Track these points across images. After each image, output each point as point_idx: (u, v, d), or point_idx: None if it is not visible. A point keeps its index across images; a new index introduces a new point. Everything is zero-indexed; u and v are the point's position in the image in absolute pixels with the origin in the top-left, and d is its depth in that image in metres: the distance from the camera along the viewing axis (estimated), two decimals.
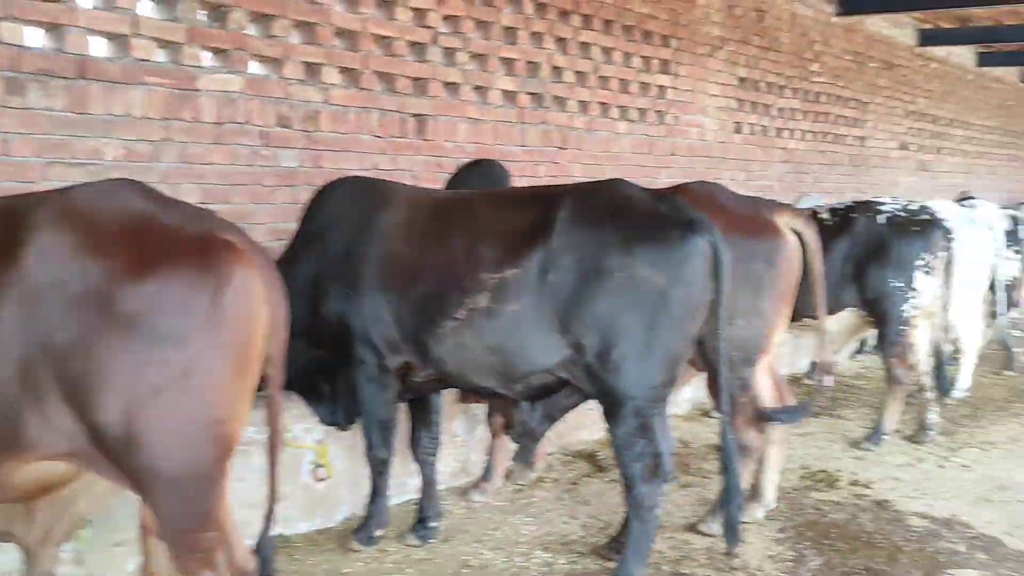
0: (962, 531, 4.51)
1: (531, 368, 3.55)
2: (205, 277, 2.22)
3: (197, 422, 2.25)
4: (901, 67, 11.21)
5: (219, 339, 2.23)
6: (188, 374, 2.20)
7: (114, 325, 2.14)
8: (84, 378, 2.15)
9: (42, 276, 2.14)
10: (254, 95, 4.58)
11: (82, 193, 2.31)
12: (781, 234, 4.09)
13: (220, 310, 2.23)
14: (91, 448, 2.22)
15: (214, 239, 2.30)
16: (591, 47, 6.59)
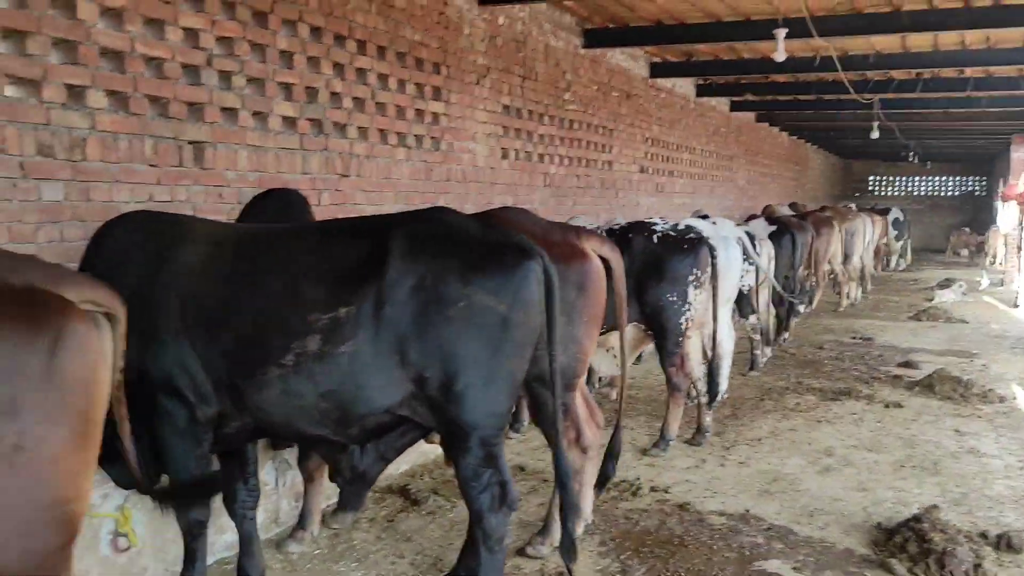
0: (757, 524, 4.87)
1: (370, 410, 3.38)
2: (35, 336, 1.88)
3: (35, 504, 1.89)
4: (638, 96, 12.07)
5: (58, 404, 1.89)
6: (21, 448, 1.84)
7: None
8: None
9: None
10: (9, 121, 4.01)
11: None
12: (590, 259, 4.21)
13: (57, 372, 1.89)
14: None
15: (42, 293, 1.95)
16: (367, 73, 6.47)
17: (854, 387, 8.38)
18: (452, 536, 4.67)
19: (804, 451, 6.29)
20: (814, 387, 8.45)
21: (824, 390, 8.28)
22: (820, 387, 8.43)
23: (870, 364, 9.72)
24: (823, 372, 9.26)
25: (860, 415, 7.35)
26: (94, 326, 2.00)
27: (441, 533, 4.72)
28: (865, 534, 4.72)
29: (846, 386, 8.43)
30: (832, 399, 7.93)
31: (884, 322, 13.26)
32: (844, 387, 8.37)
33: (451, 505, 5.12)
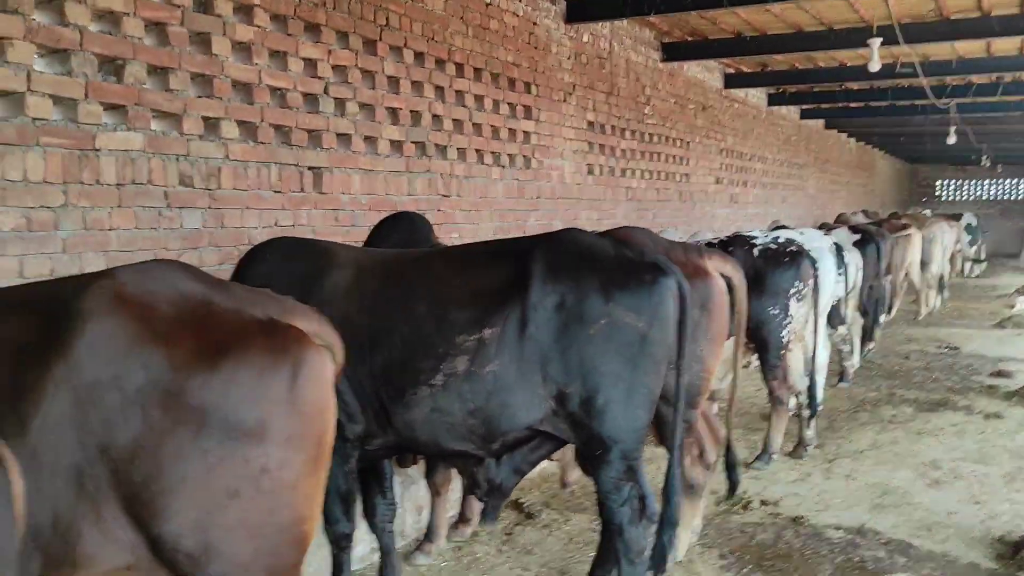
0: (875, 538, 4.86)
1: (514, 426, 3.48)
2: (279, 363, 2.01)
3: (277, 525, 2.02)
4: (713, 108, 12.09)
5: (298, 430, 2.03)
6: (267, 471, 1.98)
7: (182, 422, 1.89)
8: (148, 483, 1.88)
9: (96, 370, 1.86)
10: (155, 153, 4.23)
11: (127, 275, 2.03)
12: (713, 278, 4.26)
13: (298, 399, 2.03)
14: (152, 561, 1.94)
15: (278, 323, 2.10)
16: (465, 95, 6.63)
17: (949, 398, 8.26)
18: (572, 549, 4.75)
19: (910, 464, 6.23)
20: (908, 398, 8.35)
21: (919, 401, 8.18)
22: (914, 398, 8.33)
23: (961, 374, 9.56)
24: (914, 383, 9.14)
25: (961, 427, 7.24)
26: (326, 356, 2.13)
27: (560, 546, 4.80)
28: (988, 548, 4.68)
29: (941, 397, 8.31)
30: (929, 410, 7.83)
31: (968, 330, 13.00)
32: (939, 398, 8.26)
33: (564, 519, 5.20)
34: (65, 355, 1.83)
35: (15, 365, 1.83)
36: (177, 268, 2.13)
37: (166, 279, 2.05)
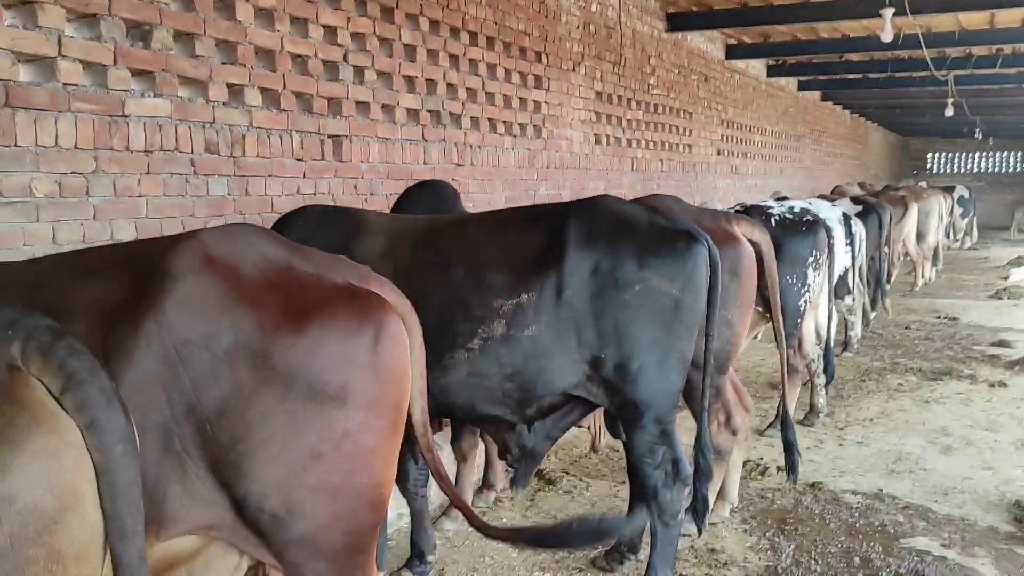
0: (893, 503, 4.93)
1: (549, 391, 3.52)
2: (362, 327, 2.03)
3: (356, 488, 2.04)
4: (715, 79, 12.07)
5: (379, 395, 2.04)
6: (349, 435, 2.00)
7: (270, 383, 1.90)
8: (235, 444, 1.89)
9: (186, 329, 1.86)
10: (182, 120, 4.21)
11: (212, 237, 2.03)
12: (742, 244, 4.29)
13: (379, 364, 2.04)
14: (235, 521, 1.96)
15: (359, 288, 2.11)
16: (478, 64, 6.60)
17: (953, 367, 8.35)
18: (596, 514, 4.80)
19: (920, 431, 6.31)
20: (912, 367, 8.44)
21: (923, 370, 8.27)
22: (918, 367, 8.42)
23: (962, 344, 9.65)
24: (917, 352, 9.23)
25: (967, 395, 7.34)
26: (403, 324, 2.14)
27: (584, 512, 4.85)
28: (1005, 512, 4.77)
29: (944, 366, 8.40)
30: (934, 379, 7.92)
31: (964, 301, 13.12)
32: (943, 367, 8.34)
33: (585, 485, 5.26)
34: (156, 313, 1.84)
35: (105, 324, 1.83)
36: (258, 232, 2.13)
37: (249, 242, 2.06)
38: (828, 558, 4.22)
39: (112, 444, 1.41)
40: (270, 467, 1.93)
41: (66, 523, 1.34)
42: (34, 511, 1.30)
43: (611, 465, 5.64)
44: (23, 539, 1.29)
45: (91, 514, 1.39)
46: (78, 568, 1.37)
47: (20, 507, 1.29)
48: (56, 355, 1.39)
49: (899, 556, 4.23)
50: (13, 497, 1.28)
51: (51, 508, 1.32)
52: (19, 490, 1.29)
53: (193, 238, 2.00)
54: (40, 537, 1.31)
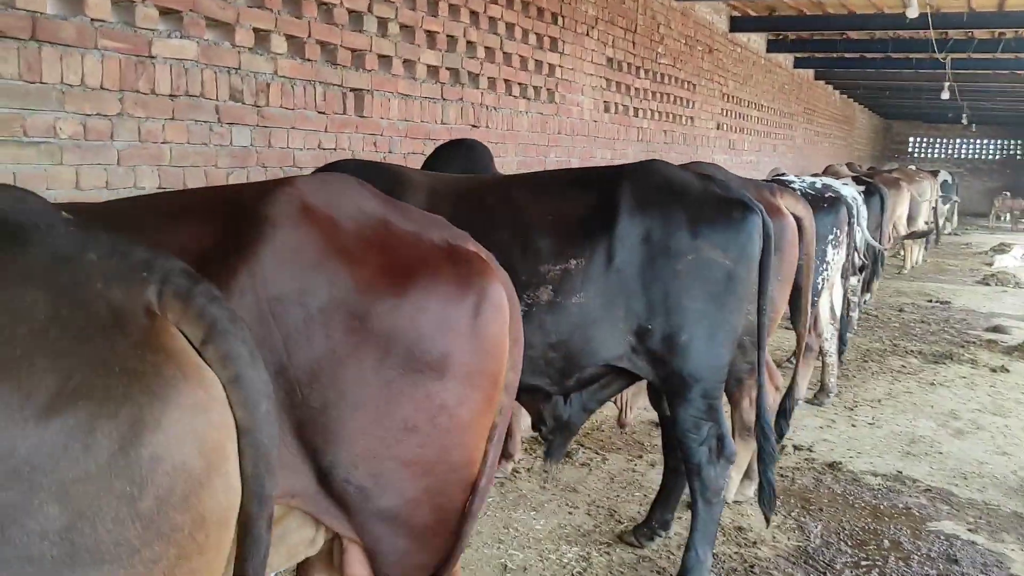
0: (913, 486, 4.89)
1: (593, 361, 3.39)
2: (466, 294, 1.87)
3: (449, 464, 1.89)
4: (718, 51, 11.91)
5: (477, 367, 1.89)
6: (445, 408, 1.85)
7: (366, 347, 1.74)
8: (326, 408, 1.74)
9: (280, 283, 1.69)
10: (208, 64, 4.00)
11: (310, 185, 1.85)
12: (786, 216, 4.18)
13: (480, 333, 1.88)
14: (318, 490, 1.80)
15: (461, 248, 1.95)
16: (497, 22, 6.40)
17: (952, 351, 8.36)
18: (616, 488, 4.72)
19: (928, 414, 6.29)
20: (912, 350, 8.44)
21: (924, 353, 8.27)
22: (918, 350, 8.42)
23: (957, 328, 9.68)
24: (914, 335, 9.24)
25: (970, 379, 7.34)
26: (503, 285, 1.99)
27: (603, 485, 4.77)
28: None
29: (944, 350, 8.41)
30: (935, 362, 7.92)
31: (953, 286, 13.19)
32: (942, 351, 8.35)
33: (601, 458, 5.17)
34: (250, 263, 1.66)
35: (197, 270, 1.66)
36: (352, 182, 1.96)
37: (345, 193, 1.89)
38: (856, 539, 4.17)
39: (257, 401, 1.26)
40: (361, 436, 1.77)
41: (212, 486, 1.20)
42: (182, 472, 1.16)
43: (626, 439, 5.55)
44: (170, 503, 1.14)
45: (234, 476, 1.25)
46: (219, 535, 1.23)
47: (168, 467, 1.14)
48: (196, 301, 1.23)
49: (928, 540, 4.18)
50: (161, 456, 1.13)
51: (199, 469, 1.17)
52: (168, 449, 1.14)
53: (290, 185, 1.82)
54: (187, 501, 1.16)
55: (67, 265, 1.21)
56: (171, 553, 1.16)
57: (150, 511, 1.13)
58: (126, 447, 1.12)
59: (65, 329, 1.15)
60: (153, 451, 1.13)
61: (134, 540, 1.12)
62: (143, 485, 1.13)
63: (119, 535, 1.11)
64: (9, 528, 1.05)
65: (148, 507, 1.13)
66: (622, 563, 3.89)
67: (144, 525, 1.13)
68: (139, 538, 1.13)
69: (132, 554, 1.12)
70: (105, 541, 1.09)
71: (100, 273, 1.22)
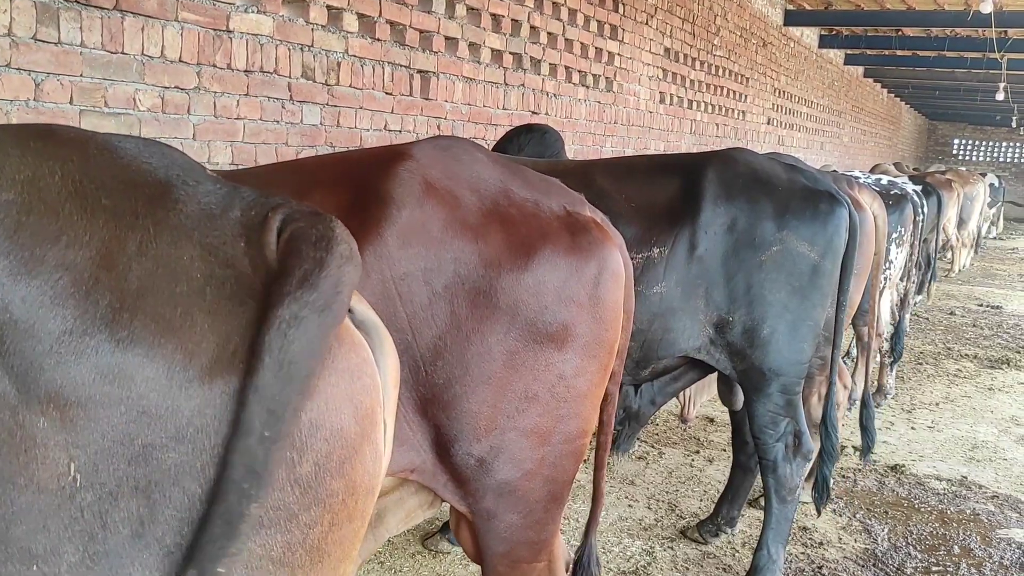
0: (980, 492, 4.77)
1: (671, 352, 3.31)
2: (587, 263, 1.83)
3: (565, 434, 1.86)
4: (772, 45, 11.73)
5: (595, 337, 1.85)
6: (563, 378, 1.81)
7: (491, 321, 1.71)
8: (451, 384, 1.71)
9: (406, 262, 1.66)
10: (282, 41, 3.96)
11: (429, 156, 1.81)
12: (865, 212, 4.08)
13: (599, 303, 1.85)
14: (436, 464, 1.78)
15: (579, 216, 1.90)
16: (561, 8, 6.32)
17: (1008, 356, 8.17)
18: (674, 482, 4.65)
19: (989, 419, 6.15)
20: (966, 353, 8.27)
21: (979, 357, 8.10)
22: (973, 354, 8.24)
23: (1012, 333, 9.47)
24: (967, 339, 9.05)
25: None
26: (621, 253, 1.94)
27: (661, 479, 4.70)
28: None
29: (999, 355, 8.23)
30: (991, 367, 7.75)
31: (1003, 290, 12.94)
32: (998, 356, 8.17)
33: (658, 452, 5.10)
34: (375, 244, 1.64)
35: None
36: (470, 149, 1.91)
37: (463, 162, 1.84)
38: (926, 544, 4.07)
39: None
40: (484, 409, 1.75)
41: (363, 452, 1.15)
42: (339, 438, 1.11)
43: (682, 434, 5.48)
44: (327, 470, 1.10)
45: (381, 443, 1.20)
46: (367, 502, 1.19)
47: (327, 433, 1.10)
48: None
49: (999, 547, 4.07)
50: (320, 423, 1.09)
51: (354, 435, 1.13)
52: (327, 414, 1.10)
53: (410, 159, 1.78)
54: (342, 467, 1.12)
55: (216, 222, 1.17)
56: (326, 519, 1.12)
57: (308, 477, 1.09)
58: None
59: (221, 289, 1.10)
60: (312, 417, 1.09)
61: (293, 505, 1.08)
62: (303, 451, 1.09)
63: (279, 500, 1.07)
64: (171, 489, 1.01)
65: (307, 473, 1.09)
66: (687, 559, 3.82)
67: (302, 491, 1.09)
68: (297, 503, 1.09)
69: (290, 519, 1.09)
70: (265, 506, 1.05)
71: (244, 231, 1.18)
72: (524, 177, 1.91)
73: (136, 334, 1.00)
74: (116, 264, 1.04)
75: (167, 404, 1.01)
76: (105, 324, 0.99)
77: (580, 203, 1.96)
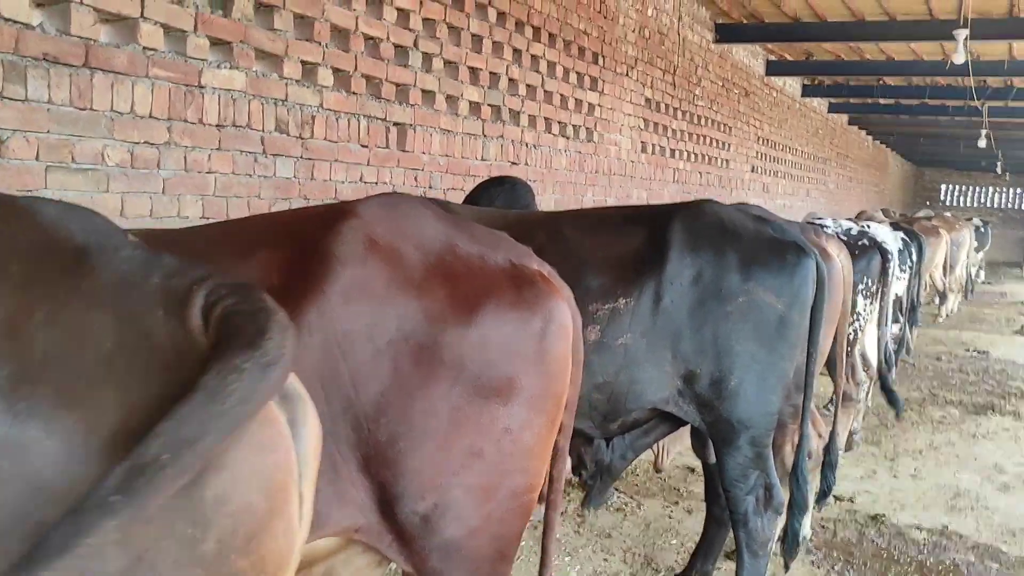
0: (960, 541, 4.73)
1: (639, 404, 3.30)
2: (533, 316, 1.83)
3: (511, 490, 1.85)
4: (754, 94, 11.89)
5: (542, 390, 1.85)
6: (510, 432, 1.80)
7: (435, 377, 1.71)
8: (394, 441, 1.69)
9: (349, 320, 1.66)
10: (255, 95, 4.00)
11: (374, 213, 1.82)
12: (833, 259, 4.10)
13: (545, 355, 1.85)
14: (381, 524, 1.76)
15: (526, 269, 1.91)
16: (540, 60, 6.41)
17: (994, 402, 8.16)
18: (652, 535, 4.60)
19: (972, 467, 6.11)
20: (951, 400, 8.25)
21: (964, 404, 8.08)
22: (958, 400, 8.22)
23: (997, 379, 9.47)
24: (952, 385, 9.04)
25: (1014, 432, 7.14)
26: (568, 305, 1.94)
27: (639, 532, 4.64)
28: None
29: (984, 401, 8.21)
30: (976, 413, 7.73)
31: (990, 335, 12.95)
32: (983, 402, 8.16)
33: (636, 504, 5.05)
34: (318, 302, 1.64)
35: None
36: (416, 204, 1.92)
37: (409, 218, 1.85)
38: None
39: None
40: (428, 466, 1.73)
41: (272, 529, 1.13)
42: (247, 514, 1.09)
43: (661, 484, 5.43)
44: (233, 547, 1.08)
45: (295, 518, 1.19)
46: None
47: (233, 509, 1.08)
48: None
49: None
50: (227, 497, 1.07)
51: (263, 511, 1.11)
52: (233, 489, 1.08)
53: (355, 216, 1.79)
54: (249, 544, 1.10)
55: (132, 290, 1.16)
56: None
57: (212, 555, 1.07)
58: (189, 488, 1.06)
59: (132, 360, 1.09)
60: (217, 492, 1.07)
61: None
62: (206, 527, 1.07)
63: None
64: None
65: (210, 551, 1.07)
66: None
67: (205, 569, 1.07)
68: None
69: None
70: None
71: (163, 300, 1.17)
72: (471, 232, 1.92)
73: (35, 406, 0.99)
74: (20, 333, 1.04)
75: (65, 480, 0.99)
76: (2, 395, 0.98)
77: (527, 256, 1.97)
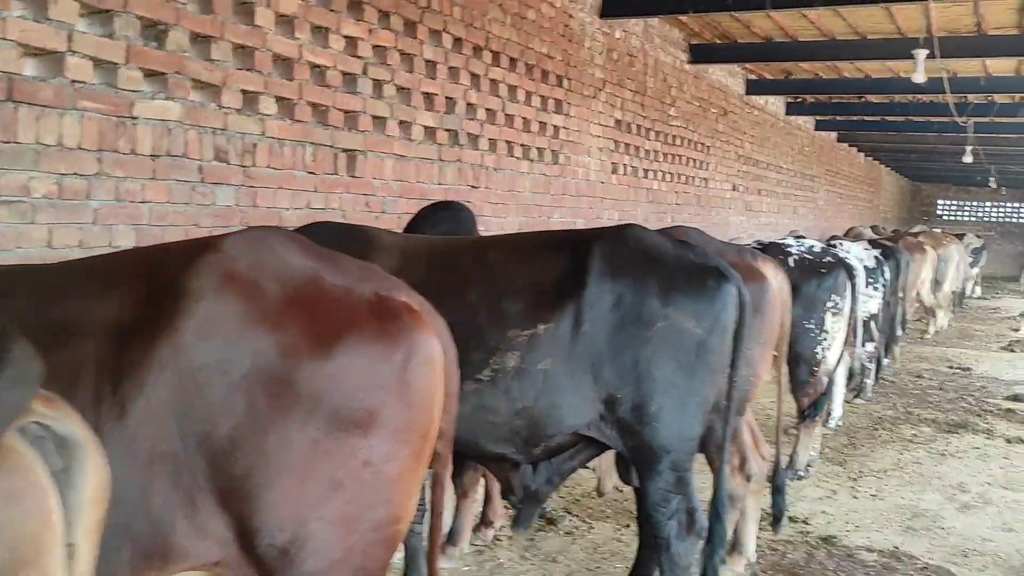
0: (911, 563, 4.70)
1: (560, 429, 3.31)
2: (394, 349, 1.86)
3: (374, 522, 1.87)
4: (734, 113, 11.94)
5: (405, 422, 1.87)
6: (371, 464, 1.82)
7: (291, 410, 1.74)
8: (250, 475, 1.72)
9: (202, 354, 1.70)
10: (192, 125, 4.05)
11: (235, 248, 1.85)
12: (766, 280, 4.11)
13: (408, 387, 1.88)
14: (241, 556, 1.78)
15: (391, 301, 1.93)
16: (500, 84, 6.46)
17: (968, 420, 8.13)
18: (597, 559, 4.59)
19: (936, 486, 6.09)
20: (926, 418, 8.22)
21: (938, 422, 8.05)
22: (933, 418, 8.19)
23: (976, 396, 9.43)
24: (930, 403, 9.01)
25: (984, 450, 7.11)
26: (436, 340, 1.96)
27: (586, 555, 4.64)
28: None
29: (959, 419, 8.18)
30: (949, 431, 7.70)
31: (976, 352, 12.91)
32: (958, 420, 8.13)
33: (587, 527, 5.04)
34: (172, 337, 1.68)
35: (117, 343, 1.67)
36: (284, 239, 1.96)
37: (274, 252, 1.88)
38: None
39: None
40: (286, 499, 1.76)
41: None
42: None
43: (615, 507, 5.42)
44: None
45: (55, 569, 1.20)
46: None
47: None
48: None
49: None
50: None
51: (8, 563, 1.13)
52: None
53: (214, 251, 1.82)
54: None
55: None
56: None
57: None
58: None
59: None
60: None
61: None
62: None
63: None
64: None
65: None
66: None
67: None
68: None
69: None
70: None
71: None
72: (338, 265, 1.95)
73: None
74: None
75: None
76: None
77: (396, 288, 1.99)
